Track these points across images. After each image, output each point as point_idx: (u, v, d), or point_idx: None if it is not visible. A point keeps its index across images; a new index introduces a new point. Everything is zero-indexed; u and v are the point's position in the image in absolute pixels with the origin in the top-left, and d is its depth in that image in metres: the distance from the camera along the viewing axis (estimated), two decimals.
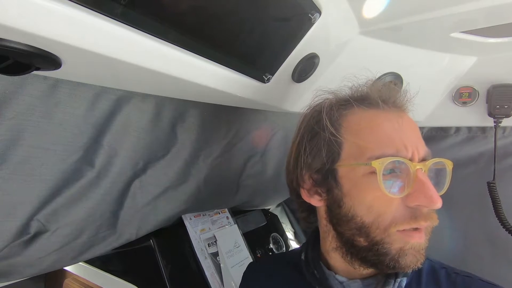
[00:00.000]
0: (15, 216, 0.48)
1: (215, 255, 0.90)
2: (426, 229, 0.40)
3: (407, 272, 0.44)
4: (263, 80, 0.56)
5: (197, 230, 0.90)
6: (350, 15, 0.54)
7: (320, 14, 0.49)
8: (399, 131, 0.41)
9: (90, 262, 0.91)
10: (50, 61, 0.35)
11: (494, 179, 0.74)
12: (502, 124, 0.74)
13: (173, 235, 0.85)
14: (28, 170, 0.46)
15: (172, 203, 0.73)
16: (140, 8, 0.34)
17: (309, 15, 0.48)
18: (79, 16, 0.30)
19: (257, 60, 0.52)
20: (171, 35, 0.39)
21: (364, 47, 0.62)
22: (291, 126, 0.51)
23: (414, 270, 0.40)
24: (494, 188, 0.73)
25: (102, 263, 0.89)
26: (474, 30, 0.57)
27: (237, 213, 1.09)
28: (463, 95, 0.76)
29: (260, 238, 1.12)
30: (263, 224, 1.17)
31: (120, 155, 0.57)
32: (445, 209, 0.38)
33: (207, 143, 0.71)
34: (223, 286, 0.85)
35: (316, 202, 0.47)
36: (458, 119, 0.83)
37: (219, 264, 0.89)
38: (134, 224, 0.68)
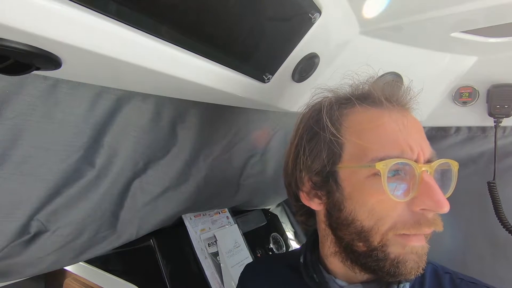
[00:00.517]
0: (15, 216, 0.48)
1: (215, 255, 0.90)
2: (427, 234, 0.39)
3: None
4: (263, 80, 0.56)
5: (197, 230, 0.90)
6: (350, 15, 0.54)
7: (320, 14, 0.49)
8: (403, 132, 0.39)
9: (90, 262, 0.91)
10: (50, 61, 0.35)
11: (494, 179, 0.74)
12: (502, 124, 0.74)
13: (173, 235, 0.85)
14: (28, 170, 0.46)
15: (172, 203, 0.73)
16: (140, 7, 0.34)
17: (309, 15, 0.48)
18: (79, 16, 0.31)
19: (257, 60, 0.52)
20: (171, 35, 0.39)
21: (364, 47, 0.62)
22: (292, 126, 0.51)
23: (416, 276, 0.38)
24: (494, 188, 0.73)
25: (102, 263, 0.89)
26: (474, 30, 0.57)
27: (237, 213, 1.09)
28: (463, 95, 0.76)
29: (260, 238, 1.12)
30: (263, 224, 1.17)
31: (120, 155, 0.57)
32: None
33: (207, 143, 0.71)
34: (223, 286, 0.85)
35: (316, 205, 0.45)
36: (458, 119, 0.82)
37: (219, 264, 0.89)
38: (134, 224, 0.68)
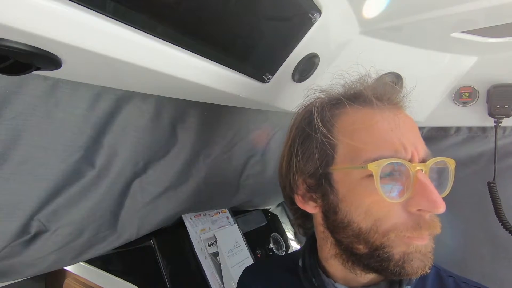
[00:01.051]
0: (15, 216, 0.49)
1: (215, 255, 0.90)
2: (429, 234, 0.38)
3: (411, 279, 0.41)
4: (263, 80, 0.56)
5: (197, 230, 0.90)
6: (350, 15, 0.54)
7: (320, 14, 0.49)
8: (396, 131, 0.38)
9: (90, 262, 0.91)
10: (50, 61, 0.35)
11: (494, 179, 0.74)
12: (502, 124, 0.74)
13: (173, 235, 0.85)
14: (29, 170, 0.47)
15: (172, 203, 0.73)
16: (140, 7, 0.34)
17: (309, 15, 0.48)
18: (79, 16, 0.31)
19: (257, 60, 0.52)
20: (172, 35, 0.39)
21: (365, 47, 0.62)
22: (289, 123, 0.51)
23: (422, 275, 0.37)
24: (495, 188, 0.73)
25: (103, 263, 0.89)
26: (474, 30, 0.57)
27: (237, 213, 1.09)
28: (463, 95, 0.76)
29: (260, 238, 1.12)
30: (263, 224, 1.17)
31: (120, 155, 0.57)
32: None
33: (207, 143, 0.71)
34: (223, 286, 0.85)
35: (311, 209, 0.44)
36: (459, 119, 0.82)
37: (219, 264, 0.89)
38: (134, 224, 0.68)
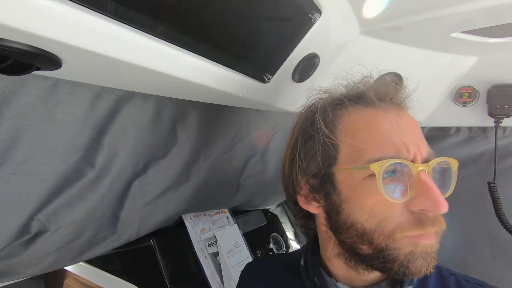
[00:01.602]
0: (15, 216, 0.49)
1: (215, 255, 0.90)
2: (436, 231, 0.38)
3: (413, 279, 0.41)
4: (263, 80, 0.56)
5: (197, 230, 0.90)
6: (350, 15, 0.54)
7: (320, 14, 0.49)
8: (398, 131, 0.38)
9: (90, 262, 0.91)
10: (51, 61, 0.35)
11: (494, 179, 0.74)
12: (502, 124, 0.74)
13: (173, 235, 0.85)
14: (29, 170, 0.47)
15: (172, 203, 0.73)
16: (140, 7, 0.34)
17: (309, 15, 0.48)
18: (79, 16, 0.31)
19: (257, 60, 0.52)
20: (172, 35, 0.39)
21: (365, 47, 0.62)
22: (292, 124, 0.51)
23: (425, 275, 0.37)
24: (495, 188, 0.73)
25: (103, 263, 0.89)
26: (474, 30, 0.57)
27: (237, 213, 1.09)
28: (463, 95, 0.76)
29: (260, 238, 1.12)
30: (263, 224, 1.17)
31: (120, 155, 0.57)
32: None
33: (207, 143, 0.71)
34: (223, 286, 0.85)
35: (314, 209, 0.44)
36: (459, 119, 0.82)
37: (219, 264, 0.89)
38: (134, 224, 0.68)
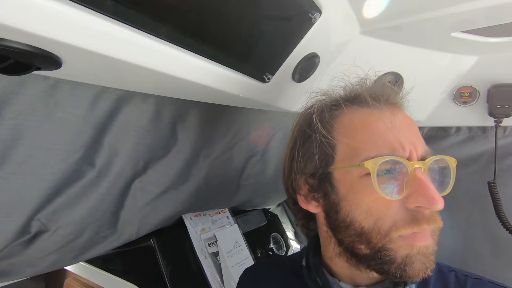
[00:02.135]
0: (15, 215, 0.49)
1: (215, 254, 0.90)
2: (432, 231, 0.38)
3: None
4: (263, 80, 0.56)
5: (197, 229, 0.90)
6: (350, 14, 0.54)
7: (320, 13, 0.49)
8: (393, 130, 0.39)
9: (90, 261, 0.91)
10: (51, 61, 0.35)
11: (494, 179, 0.74)
12: (502, 124, 0.74)
13: (173, 235, 0.85)
14: (29, 170, 0.47)
15: (172, 203, 0.73)
16: (140, 7, 0.34)
17: (309, 14, 0.48)
18: (79, 16, 0.31)
19: (257, 60, 0.52)
20: (171, 35, 0.39)
21: (365, 46, 0.62)
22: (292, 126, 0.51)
23: (424, 278, 0.37)
24: (495, 187, 0.73)
25: (103, 262, 0.89)
26: (474, 29, 0.57)
27: (237, 213, 1.09)
28: (463, 95, 0.76)
29: (260, 238, 1.12)
30: (263, 224, 1.17)
31: (120, 155, 0.57)
32: (445, 208, 0.36)
33: (208, 143, 0.71)
34: (223, 285, 0.86)
35: (314, 208, 0.45)
36: (459, 119, 0.82)
37: (220, 263, 0.89)
38: (134, 224, 0.68)
